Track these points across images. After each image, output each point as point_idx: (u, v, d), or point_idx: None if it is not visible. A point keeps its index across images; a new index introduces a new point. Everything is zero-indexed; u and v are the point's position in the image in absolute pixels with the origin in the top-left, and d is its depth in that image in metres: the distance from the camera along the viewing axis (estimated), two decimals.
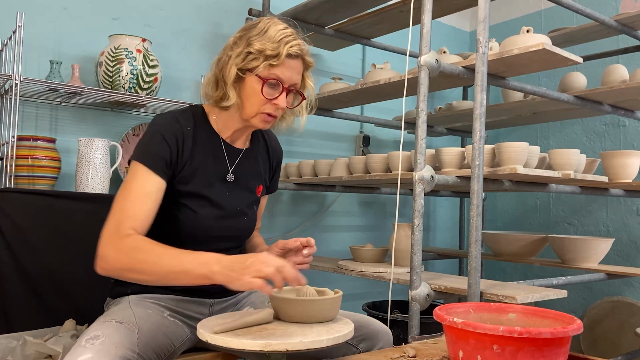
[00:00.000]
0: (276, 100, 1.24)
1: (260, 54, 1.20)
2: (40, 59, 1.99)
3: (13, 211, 1.62)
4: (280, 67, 1.21)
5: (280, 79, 1.22)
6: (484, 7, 1.55)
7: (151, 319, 1.20)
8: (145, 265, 1.06)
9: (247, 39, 1.22)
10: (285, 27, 1.24)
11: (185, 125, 1.27)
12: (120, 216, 1.13)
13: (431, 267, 3.30)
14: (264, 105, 1.24)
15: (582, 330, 0.88)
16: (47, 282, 1.65)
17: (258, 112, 1.25)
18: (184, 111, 1.31)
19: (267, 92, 1.22)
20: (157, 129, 1.24)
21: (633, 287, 2.65)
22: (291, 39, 1.22)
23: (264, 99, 1.23)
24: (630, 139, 2.72)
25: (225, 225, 1.31)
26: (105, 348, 1.02)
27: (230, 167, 1.34)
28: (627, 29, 2.21)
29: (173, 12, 2.33)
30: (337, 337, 0.99)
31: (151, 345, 1.13)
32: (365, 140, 2.94)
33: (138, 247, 1.08)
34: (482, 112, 1.52)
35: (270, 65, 1.20)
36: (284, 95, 1.24)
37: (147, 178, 1.18)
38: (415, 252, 1.57)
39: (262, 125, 1.28)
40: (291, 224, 2.69)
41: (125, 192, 1.16)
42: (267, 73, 1.21)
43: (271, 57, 1.20)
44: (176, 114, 1.29)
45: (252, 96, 1.23)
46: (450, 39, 3.43)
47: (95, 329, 1.10)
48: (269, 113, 1.25)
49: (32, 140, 1.82)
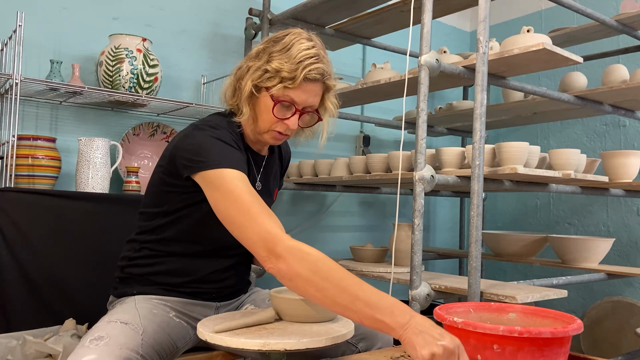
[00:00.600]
0: (287, 120, 1.21)
1: (277, 74, 1.16)
2: (40, 58, 1.99)
3: (13, 210, 1.62)
4: (296, 91, 1.18)
5: (294, 102, 1.19)
6: (484, 7, 1.55)
7: (156, 319, 1.20)
8: (327, 282, 0.95)
9: (269, 53, 1.19)
10: (309, 47, 1.18)
11: (237, 138, 1.24)
12: (260, 215, 1.04)
13: (431, 267, 3.30)
14: (276, 124, 1.22)
15: (582, 330, 0.88)
16: (47, 282, 1.65)
17: (269, 130, 1.24)
18: (229, 123, 1.26)
19: (278, 112, 1.20)
20: (217, 139, 1.17)
21: (633, 287, 2.65)
22: (312, 62, 1.17)
23: (275, 118, 1.21)
24: (631, 139, 2.72)
25: None
26: (110, 349, 1.02)
27: (257, 175, 1.34)
28: (628, 29, 2.21)
29: (173, 12, 2.33)
30: (336, 337, 0.99)
31: (155, 347, 1.13)
32: (366, 140, 2.94)
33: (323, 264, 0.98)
34: (483, 112, 1.52)
35: (285, 87, 1.17)
36: (297, 117, 1.22)
37: (244, 179, 1.11)
38: (415, 252, 1.57)
39: (273, 141, 1.28)
40: (291, 224, 2.68)
41: (238, 196, 1.07)
42: (281, 94, 1.18)
43: (287, 79, 1.16)
44: (224, 125, 1.24)
45: (264, 113, 1.21)
46: (450, 38, 3.43)
47: (99, 329, 1.10)
48: (280, 132, 1.24)
49: (33, 140, 1.82)
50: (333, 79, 1.25)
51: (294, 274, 0.98)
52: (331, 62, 1.24)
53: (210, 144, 1.16)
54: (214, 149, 1.15)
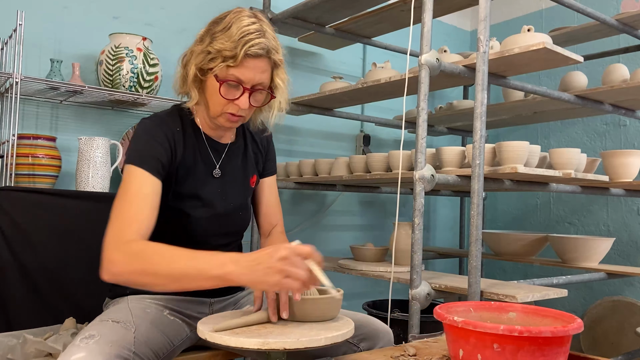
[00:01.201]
0: (237, 101, 1.19)
1: (219, 54, 1.15)
2: (40, 57, 1.99)
3: (13, 209, 1.62)
4: (240, 68, 1.15)
5: (239, 80, 1.17)
6: (484, 7, 1.55)
7: (149, 317, 1.20)
8: (158, 266, 1.01)
9: (212, 34, 1.17)
10: (250, 24, 1.15)
11: (174, 126, 1.25)
12: (123, 220, 1.09)
13: (431, 266, 3.30)
14: (226, 106, 1.20)
15: (582, 330, 0.88)
16: (48, 281, 1.66)
17: (222, 112, 1.22)
18: (170, 112, 1.29)
19: (226, 93, 1.18)
20: (148, 131, 1.21)
21: (633, 287, 2.65)
22: (253, 37, 1.14)
23: (224, 99, 1.19)
24: (631, 138, 2.72)
25: (221, 223, 1.31)
26: (99, 347, 1.01)
27: (217, 163, 1.32)
28: (628, 29, 2.21)
29: (174, 11, 2.33)
30: (336, 336, 0.99)
31: (149, 344, 1.13)
32: (366, 139, 2.94)
33: (148, 249, 1.04)
34: (483, 111, 1.52)
35: (228, 67, 1.15)
36: (247, 97, 1.19)
37: (145, 181, 1.15)
38: (415, 251, 1.57)
39: (228, 124, 1.25)
40: (291, 223, 2.68)
41: (124, 196, 1.13)
42: (226, 74, 1.16)
43: (229, 58, 1.14)
44: (163, 115, 1.27)
45: (213, 96, 1.20)
46: (451, 38, 3.43)
47: (91, 328, 1.10)
48: (233, 113, 1.22)
49: (33, 139, 1.82)
50: (280, 54, 1.21)
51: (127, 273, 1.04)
52: (277, 38, 1.21)
53: (136, 138, 1.21)
54: (136, 144, 1.20)
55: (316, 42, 2.66)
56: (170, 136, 1.23)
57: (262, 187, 1.46)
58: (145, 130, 1.22)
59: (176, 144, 1.24)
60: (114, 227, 1.09)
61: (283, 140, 2.71)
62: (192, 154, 1.28)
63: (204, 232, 1.29)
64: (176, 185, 1.25)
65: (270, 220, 1.46)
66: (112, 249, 1.05)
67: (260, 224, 1.47)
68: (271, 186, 1.47)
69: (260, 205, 1.46)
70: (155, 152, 1.19)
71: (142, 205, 1.13)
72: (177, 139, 1.24)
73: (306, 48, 2.78)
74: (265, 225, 1.46)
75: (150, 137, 1.20)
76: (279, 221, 1.47)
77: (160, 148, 1.20)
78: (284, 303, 1.05)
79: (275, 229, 1.45)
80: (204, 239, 1.29)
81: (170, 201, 1.24)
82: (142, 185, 1.15)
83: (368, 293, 2.83)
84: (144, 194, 1.14)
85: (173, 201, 1.25)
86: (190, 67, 1.20)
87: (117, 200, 1.13)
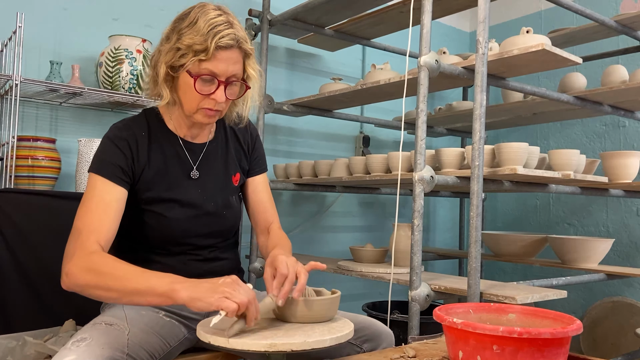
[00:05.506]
0: (213, 95, 1.18)
1: (189, 49, 1.14)
2: (40, 59, 1.99)
3: (13, 211, 1.62)
4: (212, 61, 1.14)
5: (214, 73, 1.16)
6: (483, 8, 1.55)
7: (144, 319, 1.20)
8: (111, 282, 1.03)
9: (178, 31, 1.17)
10: (216, 16, 1.15)
11: (139, 131, 1.25)
12: (83, 231, 1.10)
13: (431, 267, 3.30)
14: (202, 101, 1.19)
15: (582, 331, 0.88)
16: (47, 283, 1.65)
17: (198, 108, 1.20)
18: (136, 117, 1.29)
19: (201, 88, 1.17)
20: (110, 138, 1.22)
21: (633, 288, 2.65)
22: (222, 29, 1.13)
23: (200, 95, 1.17)
24: (630, 139, 2.72)
25: (202, 223, 1.29)
26: (90, 349, 1.01)
27: (194, 164, 1.31)
28: (627, 30, 2.21)
29: (173, 13, 2.30)
30: (340, 336, 0.99)
31: (144, 346, 1.13)
32: (365, 140, 2.94)
33: (104, 264, 1.06)
34: (482, 112, 1.52)
35: (200, 61, 1.13)
36: (222, 89, 1.18)
37: (105, 188, 1.16)
38: (415, 253, 1.57)
39: (206, 120, 1.23)
40: (291, 225, 2.69)
41: (85, 206, 1.14)
42: (199, 69, 1.15)
43: (200, 51, 1.13)
44: (128, 120, 1.27)
45: (187, 92, 1.18)
46: (450, 39, 3.44)
47: (83, 331, 1.10)
48: (209, 108, 1.20)
49: (32, 141, 1.82)
50: (249, 44, 1.20)
51: (80, 286, 1.06)
52: (244, 29, 1.21)
53: (100, 145, 1.23)
54: (98, 151, 1.21)
55: (316, 43, 2.67)
56: (132, 140, 1.22)
57: (253, 186, 1.43)
58: (108, 136, 1.23)
59: (139, 148, 1.23)
60: (73, 237, 1.11)
61: (283, 142, 2.71)
62: (161, 157, 1.26)
63: (184, 232, 1.27)
64: (146, 189, 1.24)
65: (266, 217, 1.44)
66: (68, 261, 1.08)
67: (256, 223, 1.45)
68: (263, 184, 1.45)
69: (253, 204, 1.44)
70: (113, 158, 1.19)
71: (103, 214, 1.13)
72: (141, 142, 1.24)
73: (306, 49, 2.79)
74: (261, 223, 1.44)
75: (111, 144, 1.21)
76: (274, 218, 1.45)
77: (119, 153, 1.20)
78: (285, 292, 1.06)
79: (273, 226, 1.43)
80: (185, 240, 1.27)
81: (143, 204, 1.24)
82: (103, 193, 1.16)
83: (367, 294, 2.83)
84: (105, 202, 1.15)
85: (146, 204, 1.24)
86: (160, 67, 1.18)
87: (79, 209, 1.14)
